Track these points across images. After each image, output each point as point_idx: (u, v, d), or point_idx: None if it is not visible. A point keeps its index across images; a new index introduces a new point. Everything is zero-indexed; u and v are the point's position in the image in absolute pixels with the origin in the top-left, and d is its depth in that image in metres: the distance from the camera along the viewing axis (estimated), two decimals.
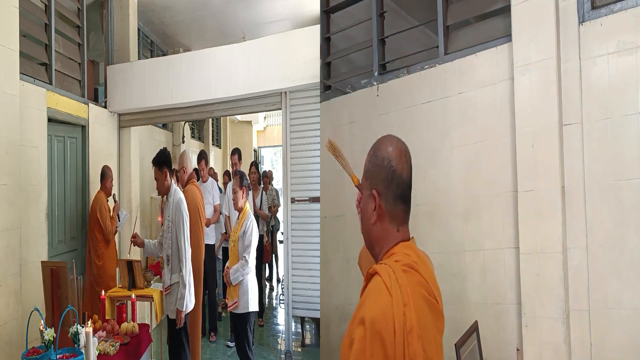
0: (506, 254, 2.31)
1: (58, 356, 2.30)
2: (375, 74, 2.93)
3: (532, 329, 2.16)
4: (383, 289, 1.06)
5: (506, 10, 2.31)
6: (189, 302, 2.99)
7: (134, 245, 3.23)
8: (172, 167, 3.16)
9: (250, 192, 4.99)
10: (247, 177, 3.55)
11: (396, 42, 2.94)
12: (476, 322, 2.14)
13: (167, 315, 3.14)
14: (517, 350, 2.09)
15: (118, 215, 4.26)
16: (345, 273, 3.14)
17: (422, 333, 1.05)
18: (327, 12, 3.27)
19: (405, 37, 2.86)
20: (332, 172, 3.27)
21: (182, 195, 3.07)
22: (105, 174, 4.17)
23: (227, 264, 3.46)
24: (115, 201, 4.28)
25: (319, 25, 3.47)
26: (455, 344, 1.86)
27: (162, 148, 3.22)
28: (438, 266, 2.49)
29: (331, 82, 3.19)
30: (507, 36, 2.31)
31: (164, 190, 3.08)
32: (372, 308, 1.04)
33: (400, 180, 1.19)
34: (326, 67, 3.27)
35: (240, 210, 3.42)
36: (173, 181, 3.13)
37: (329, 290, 3.26)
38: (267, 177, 6.76)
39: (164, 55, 6.70)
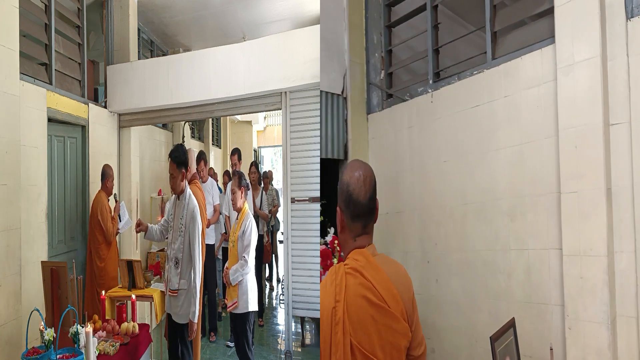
0: (550, 255, 2.30)
1: (58, 356, 2.30)
2: (430, 81, 3.11)
3: (575, 331, 2.13)
4: (323, 289, 1.37)
5: (551, 11, 2.32)
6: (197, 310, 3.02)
7: (139, 232, 3.20)
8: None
9: (250, 192, 4.99)
10: (246, 177, 3.55)
11: (452, 48, 3.10)
12: (513, 318, 2.15)
13: (170, 315, 3.13)
14: (550, 349, 2.06)
15: (119, 216, 4.25)
16: (404, 264, 3.38)
17: (356, 327, 1.28)
18: (388, 27, 3.52)
19: (461, 41, 3.00)
20: (389, 174, 3.49)
21: (196, 203, 3.06)
22: (106, 173, 4.15)
23: (226, 265, 3.47)
24: (116, 201, 4.27)
25: (319, 26, 3.48)
26: (490, 337, 1.90)
27: (179, 144, 3.21)
28: (485, 263, 2.62)
29: (392, 91, 3.45)
30: (551, 37, 2.32)
31: (178, 190, 3.08)
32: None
33: (356, 203, 1.39)
34: (388, 77, 3.53)
35: (239, 210, 3.43)
36: (187, 183, 3.13)
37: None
38: (267, 177, 6.76)
39: (164, 55, 6.70)
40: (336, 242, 2.78)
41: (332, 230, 2.95)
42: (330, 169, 3.28)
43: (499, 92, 2.60)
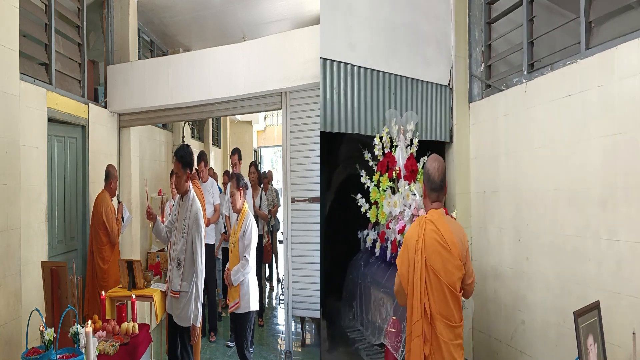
0: None
1: (58, 356, 2.30)
2: (525, 72, 3.30)
3: None
4: (412, 228, 2.26)
5: None
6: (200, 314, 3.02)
7: (148, 218, 3.17)
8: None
9: (250, 192, 4.99)
10: (243, 178, 3.56)
11: (548, 38, 3.22)
12: (598, 301, 2.24)
13: (171, 316, 3.12)
14: (633, 334, 2.07)
15: (122, 217, 4.24)
16: (499, 239, 3.58)
17: (429, 253, 2.15)
18: (488, 23, 3.85)
19: (558, 30, 3.10)
20: (487, 157, 3.77)
21: (199, 205, 3.05)
22: (110, 174, 4.11)
23: (227, 266, 3.47)
24: (119, 202, 4.25)
25: (319, 26, 3.48)
26: (573, 312, 2.03)
27: (184, 144, 3.20)
28: (574, 249, 2.73)
29: (491, 82, 3.78)
30: None
31: (182, 190, 3.07)
32: (406, 234, 2.27)
33: (433, 182, 2.27)
34: (487, 69, 3.89)
35: (238, 211, 3.43)
36: (191, 184, 3.13)
37: (486, 252, 3.80)
38: (267, 177, 6.76)
39: (164, 55, 6.70)
40: (444, 211, 3.10)
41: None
42: (436, 148, 3.74)
43: (592, 82, 2.60)
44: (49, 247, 3.71)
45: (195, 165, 4.92)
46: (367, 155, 3.60)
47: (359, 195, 3.66)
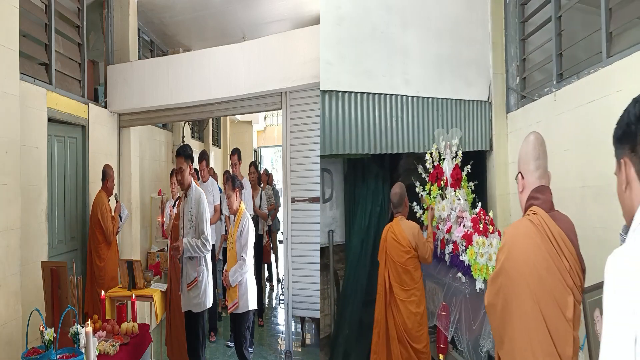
0: None
1: (58, 356, 2.30)
2: (555, 82, 3.57)
3: None
4: (383, 231, 3.42)
5: None
6: (208, 300, 3.32)
7: (175, 253, 3.28)
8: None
9: (250, 192, 4.99)
10: (238, 179, 3.57)
11: (580, 45, 3.45)
12: (603, 280, 2.39)
13: (188, 315, 3.30)
14: None
15: (120, 216, 4.25)
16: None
17: (387, 246, 3.33)
18: (522, 39, 4.18)
19: (589, 37, 3.31)
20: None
21: (202, 192, 3.32)
22: (106, 173, 4.14)
23: (225, 267, 3.47)
24: (117, 201, 4.26)
25: (319, 25, 3.48)
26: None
27: (183, 143, 3.35)
28: (601, 240, 2.93)
29: (525, 93, 4.13)
30: None
31: (186, 184, 3.28)
32: (382, 235, 3.46)
33: (393, 202, 3.39)
34: (522, 81, 4.21)
35: (235, 212, 3.44)
36: (191, 178, 3.34)
37: None
38: (267, 176, 6.76)
39: (164, 55, 6.70)
40: (482, 212, 3.42)
41: (479, 204, 3.61)
42: (477, 157, 4.23)
43: (612, 88, 2.81)
44: (49, 247, 3.71)
45: (196, 164, 4.93)
46: (420, 169, 4.02)
47: (415, 203, 3.99)
